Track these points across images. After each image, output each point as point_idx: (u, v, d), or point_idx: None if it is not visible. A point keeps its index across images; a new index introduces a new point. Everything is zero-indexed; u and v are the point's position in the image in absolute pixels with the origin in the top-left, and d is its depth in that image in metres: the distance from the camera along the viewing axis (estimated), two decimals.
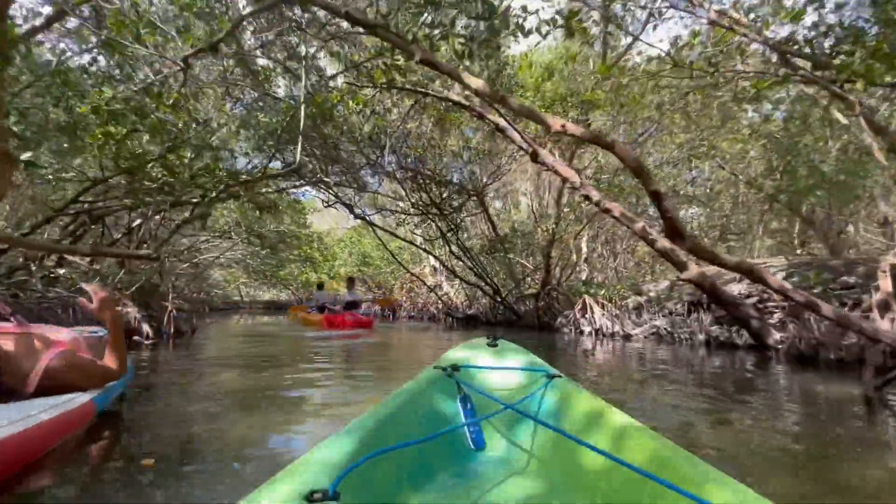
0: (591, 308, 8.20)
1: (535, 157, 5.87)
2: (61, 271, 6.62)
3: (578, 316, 8.58)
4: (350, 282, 11.45)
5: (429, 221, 10.73)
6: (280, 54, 6.81)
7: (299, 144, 6.15)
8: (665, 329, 7.19)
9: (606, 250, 14.19)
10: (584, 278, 11.46)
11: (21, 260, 6.14)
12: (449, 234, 9.96)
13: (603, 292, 8.10)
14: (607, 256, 14.40)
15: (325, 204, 9.69)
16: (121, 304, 5.70)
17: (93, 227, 8.07)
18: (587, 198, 5.68)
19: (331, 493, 0.70)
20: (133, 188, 5.51)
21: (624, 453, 1.01)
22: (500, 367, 1.78)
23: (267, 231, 14.77)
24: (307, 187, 10.29)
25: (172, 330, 6.80)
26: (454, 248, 10.04)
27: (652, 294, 8.27)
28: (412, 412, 1.35)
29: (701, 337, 6.61)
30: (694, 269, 5.67)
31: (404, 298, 16.69)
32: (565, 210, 7.86)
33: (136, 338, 5.42)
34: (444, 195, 8.98)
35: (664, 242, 5.10)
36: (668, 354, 5.68)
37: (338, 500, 0.70)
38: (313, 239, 18.38)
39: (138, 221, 7.36)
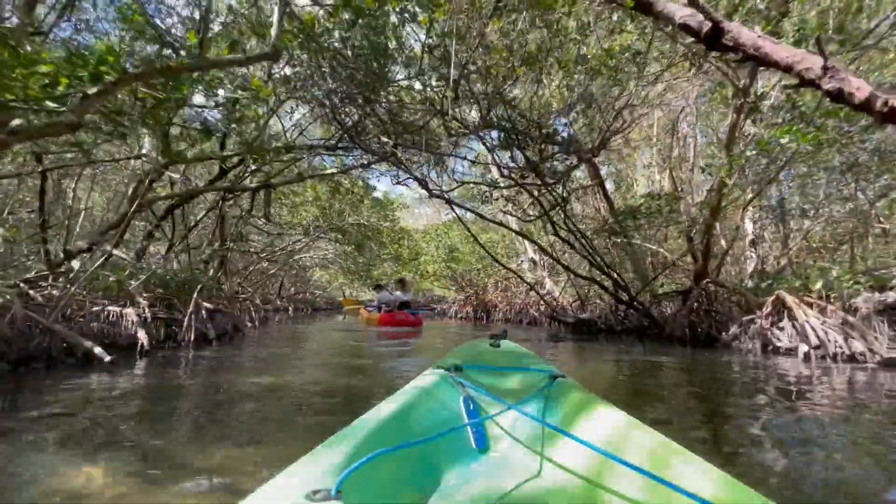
0: (795, 311, 5.06)
1: (714, 36, 3.13)
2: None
3: (765, 324, 5.47)
4: (401, 283, 11.35)
5: (525, 196, 8.25)
6: None
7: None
8: None
9: (775, 229, 10.34)
10: (750, 269, 8.05)
11: None
12: (553, 213, 7.39)
13: (819, 285, 4.91)
14: (773, 240, 10.51)
15: (395, 181, 7.77)
16: None
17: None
18: (839, 98, 2.78)
19: (333, 492, 0.71)
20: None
21: (627, 454, 1.01)
22: (504, 368, 1.75)
23: (348, 225, 13.55)
24: (375, 166, 8.48)
25: (192, 336, 5.28)
26: (561, 230, 7.42)
27: None
28: (415, 412, 1.34)
29: None
30: None
31: (499, 299, 14.30)
32: (747, 154, 4.84)
33: (98, 350, 3.76)
34: (544, 153, 6.46)
35: None
36: None
37: (340, 500, 0.70)
38: (401, 235, 16.92)
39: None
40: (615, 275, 7.38)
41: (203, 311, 5.78)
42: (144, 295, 5.50)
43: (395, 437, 1.07)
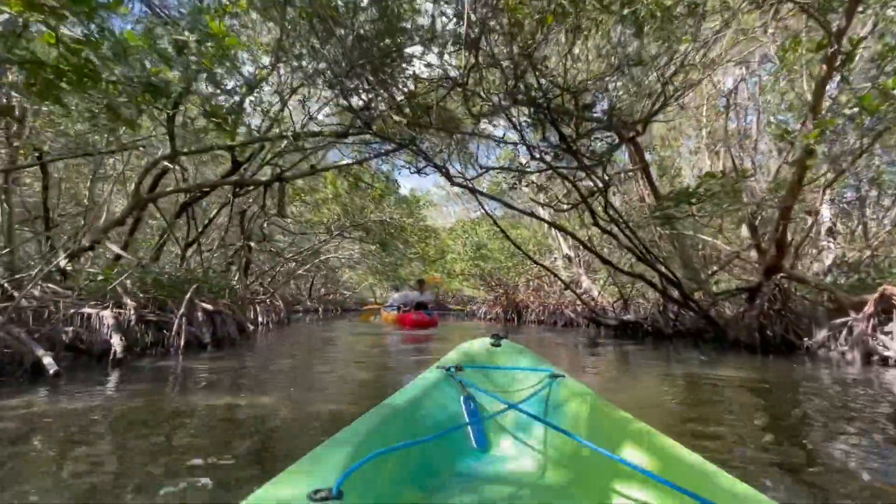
0: None
1: None
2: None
3: (866, 327, 4.39)
4: (420, 283, 11.55)
5: (558, 183, 7.36)
6: None
7: None
8: None
9: (851, 216, 8.99)
10: (828, 262, 6.83)
11: None
12: (592, 200, 6.45)
13: None
14: (847, 230, 9.14)
15: (412, 170, 7.03)
16: None
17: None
18: None
19: (334, 491, 0.70)
20: None
21: (627, 453, 1.03)
22: (504, 367, 1.74)
23: (371, 223, 12.96)
24: (392, 156, 7.78)
25: (182, 342, 4.71)
26: (601, 220, 6.48)
27: None
28: (416, 412, 1.33)
29: None
30: None
31: (531, 299, 13.35)
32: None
33: (47, 360, 3.16)
34: (581, 129, 5.54)
35: None
36: None
37: (341, 499, 0.70)
38: (427, 234, 16.20)
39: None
40: (666, 270, 6.38)
41: (200, 313, 5.23)
42: (141, 296, 5.01)
43: (396, 437, 1.06)
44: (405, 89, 6.34)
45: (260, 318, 10.03)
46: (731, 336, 6.00)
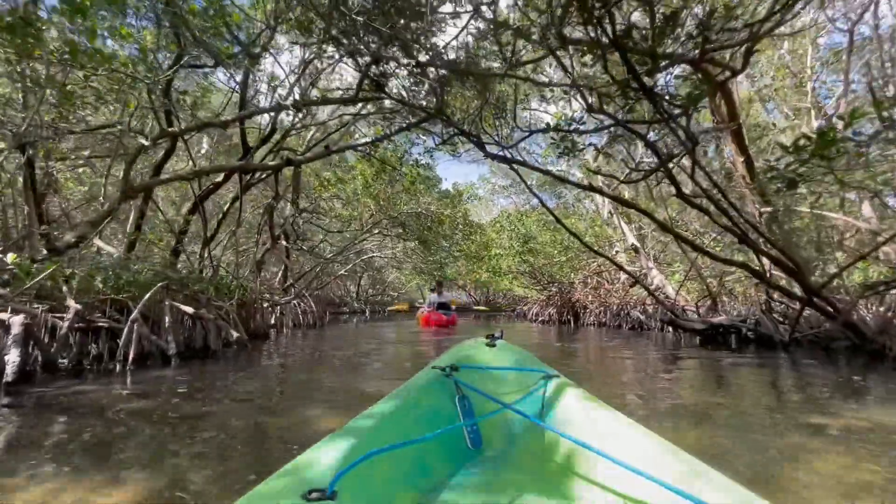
0: None
1: None
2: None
3: None
4: (439, 285, 11.71)
5: (620, 154, 5.74)
6: None
7: None
8: None
9: None
10: None
11: None
12: (672, 166, 4.79)
13: None
14: None
15: (440, 142, 5.72)
16: None
17: None
18: None
19: (329, 491, 0.71)
20: None
21: (620, 452, 1.00)
22: (499, 368, 1.72)
23: (405, 216, 11.78)
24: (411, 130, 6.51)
25: (132, 354, 3.69)
26: (686, 192, 4.79)
27: None
28: (410, 412, 1.33)
29: None
30: None
31: (590, 298, 11.58)
32: None
33: None
34: (659, 62, 3.94)
35: None
36: None
37: (335, 499, 0.70)
38: (470, 230, 14.73)
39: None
40: (783, 255, 4.59)
41: (168, 319, 4.21)
42: (110, 297, 4.09)
43: (391, 437, 1.06)
44: (427, 43, 5.06)
45: (286, 322, 9.14)
46: (879, 345, 4.13)
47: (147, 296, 3.97)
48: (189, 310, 4.31)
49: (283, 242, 12.44)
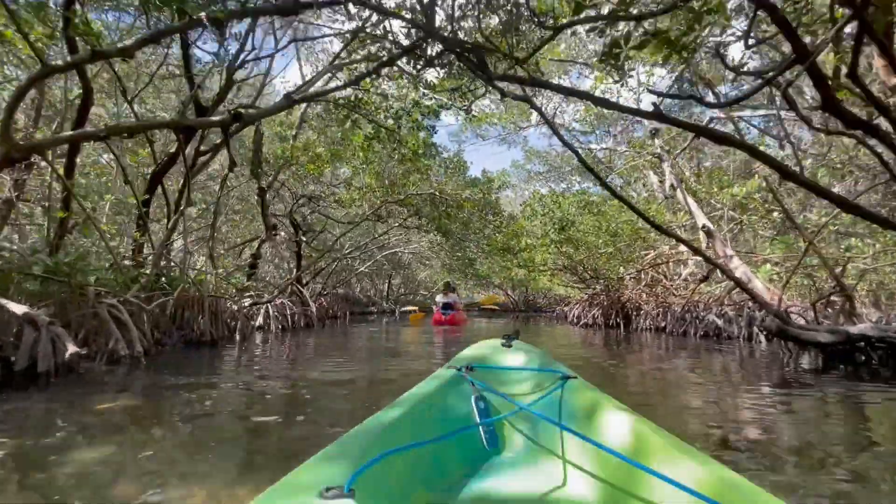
0: None
1: None
2: None
3: None
4: (447, 286, 11.71)
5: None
6: None
7: None
8: None
9: None
10: None
11: None
12: (792, 74, 2.81)
13: None
14: None
15: (419, 67, 4.01)
16: None
17: None
18: None
19: (346, 489, 0.70)
20: None
21: (639, 454, 1.00)
22: (515, 368, 1.73)
23: (414, 196, 10.03)
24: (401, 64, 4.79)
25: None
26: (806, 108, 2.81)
27: None
28: (427, 411, 1.33)
29: None
30: None
31: (644, 297, 9.42)
32: None
33: None
34: None
35: None
36: None
37: (353, 497, 0.70)
38: (499, 221, 12.81)
39: None
40: None
41: (42, 325, 2.72)
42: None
43: (407, 437, 1.07)
44: None
45: (262, 323, 7.74)
46: None
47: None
48: (19, 309, 2.82)
49: (283, 234, 11.10)
